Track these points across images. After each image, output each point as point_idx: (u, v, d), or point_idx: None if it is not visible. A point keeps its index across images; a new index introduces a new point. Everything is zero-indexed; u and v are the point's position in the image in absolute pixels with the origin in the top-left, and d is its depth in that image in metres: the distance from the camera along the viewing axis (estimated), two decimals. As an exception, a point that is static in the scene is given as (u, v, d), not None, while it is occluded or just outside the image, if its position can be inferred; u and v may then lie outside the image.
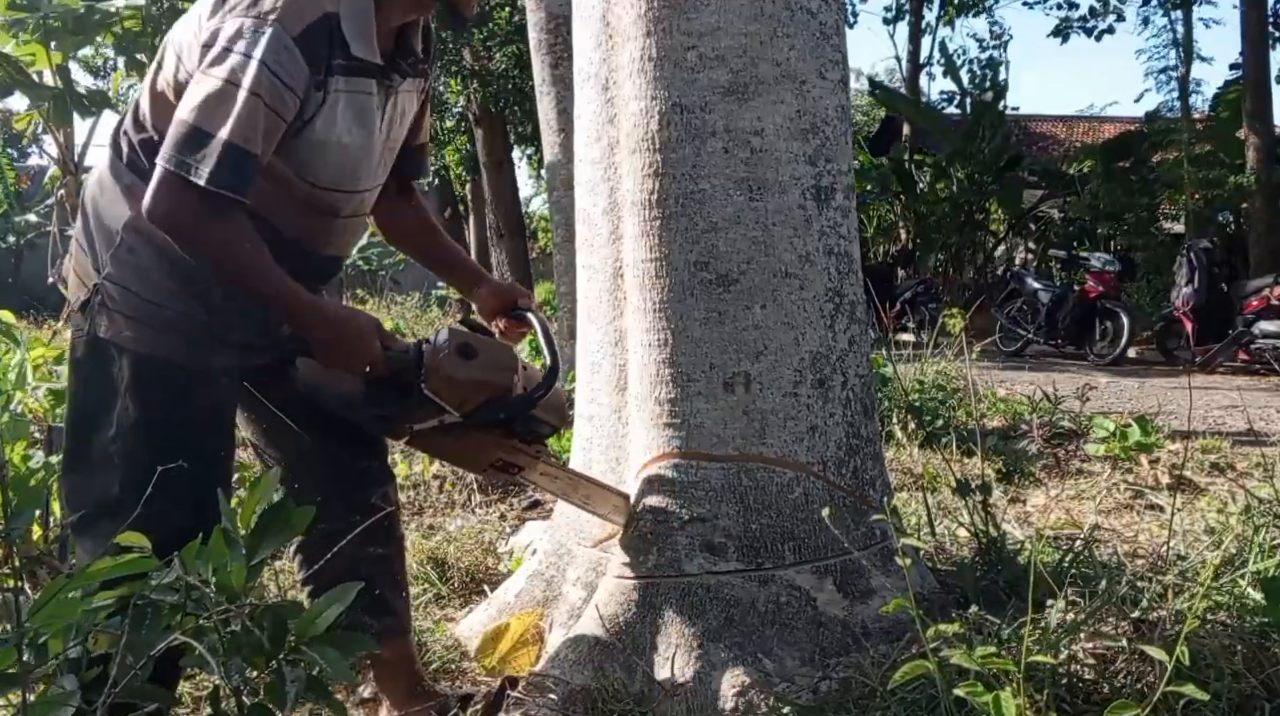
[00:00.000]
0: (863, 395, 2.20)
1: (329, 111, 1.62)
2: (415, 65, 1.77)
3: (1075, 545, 2.57)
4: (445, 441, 1.80)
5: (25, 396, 3.74)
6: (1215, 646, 1.74)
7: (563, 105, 4.65)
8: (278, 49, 1.51)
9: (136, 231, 1.61)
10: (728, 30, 2.04)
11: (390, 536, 1.94)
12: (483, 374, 1.69)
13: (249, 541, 1.37)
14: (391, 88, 1.73)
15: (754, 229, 2.06)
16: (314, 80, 1.56)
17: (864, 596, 2.07)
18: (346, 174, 1.70)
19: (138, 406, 1.61)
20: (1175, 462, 4.07)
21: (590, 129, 2.26)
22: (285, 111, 1.54)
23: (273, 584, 2.38)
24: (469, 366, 1.68)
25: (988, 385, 6.06)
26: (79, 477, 1.66)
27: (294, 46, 1.52)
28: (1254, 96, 11.14)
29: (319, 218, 1.73)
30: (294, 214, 1.68)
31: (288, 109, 1.54)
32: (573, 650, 2.03)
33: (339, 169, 1.68)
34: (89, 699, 1.21)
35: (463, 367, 1.67)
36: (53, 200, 8.27)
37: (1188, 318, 9.31)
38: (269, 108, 1.51)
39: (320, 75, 1.58)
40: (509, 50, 10.94)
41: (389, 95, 1.73)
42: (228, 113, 1.49)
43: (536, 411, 1.77)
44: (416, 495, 3.76)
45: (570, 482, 2.07)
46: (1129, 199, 13.37)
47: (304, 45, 1.54)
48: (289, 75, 1.52)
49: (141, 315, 1.62)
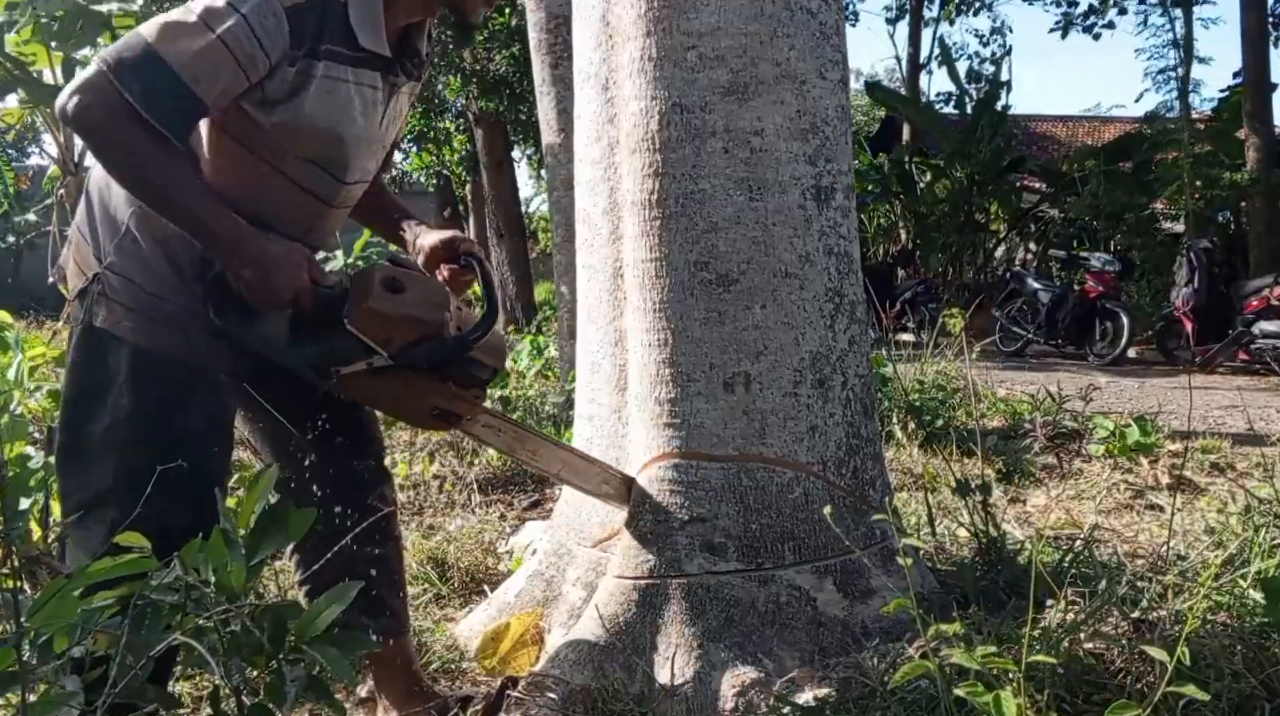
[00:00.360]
0: (863, 395, 2.20)
1: (328, 96, 1.61)
2: (418, 67, 1.78)
3: (1075, 545, 2.57)
4: (376, 386, 1.68)
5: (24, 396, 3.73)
6: (1215, 646, 1.74)
7: (563, 105, 4.66)
8: (264, 12, 1.50)
9: (142, 220, 1.60)
10: (728, 30, 2.04)
11: (388, 537, 1.93)
12: (411, 309, 1.60)
13: (249, 541, 1.37)
14: (396, 85, 1.73)
15: (754, 229, 2.06)
16: (289, 55, 1.55)
17: (864, 596, 2.07)
18: (340, 161, 1.69)
19: (134, 399, 1.60)
20: (1175, 462, 4.07)
21: (590, 129, 2.26)
22: (252, 72, 1.52)
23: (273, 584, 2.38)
24: (395, 300, 1.59)
25: (988, 385, 6.07)
26: (72, 467, 1.65)
27: (282, 14, 1.52)
28: (1254, 97, 11.15)
29: (306, 202, 1.71)
30: (272, 196, 1.66)
31: (255, 70, 1.52)
32: (573, 650, 2.03)
33: (334, 154, 1.67)
34: (89, 699, 1.21)
35: (389, 302, 1.58)
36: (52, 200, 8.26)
37: (1188, 318, 9.31)
38: (236, 62, 1.49)
39: (299, 53, 1.56)
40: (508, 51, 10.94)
41: (392, 92, 1.73)
42: (188, 47, 1.46)
43: (473, 353, 1.68)
44: (416, 495, 3.76)
45: (516, 436, 1.96)
46: (1129, 199, 13.38)
47: (293, 18, 1.53)
48: (268, 39, 1.51)
49: (142, 307, 1.61)
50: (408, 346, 1.61)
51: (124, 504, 1.45)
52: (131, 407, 1.60)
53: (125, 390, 1.60)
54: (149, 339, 1.61)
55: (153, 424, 1.60)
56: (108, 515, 1.55)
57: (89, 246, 1.67)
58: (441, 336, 1.63)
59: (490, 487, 3.87)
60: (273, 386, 1.78)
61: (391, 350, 1.61)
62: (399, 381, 1.66)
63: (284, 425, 1.80)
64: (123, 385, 1.60)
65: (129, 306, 1.61)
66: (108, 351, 1.62)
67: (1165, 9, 14.46)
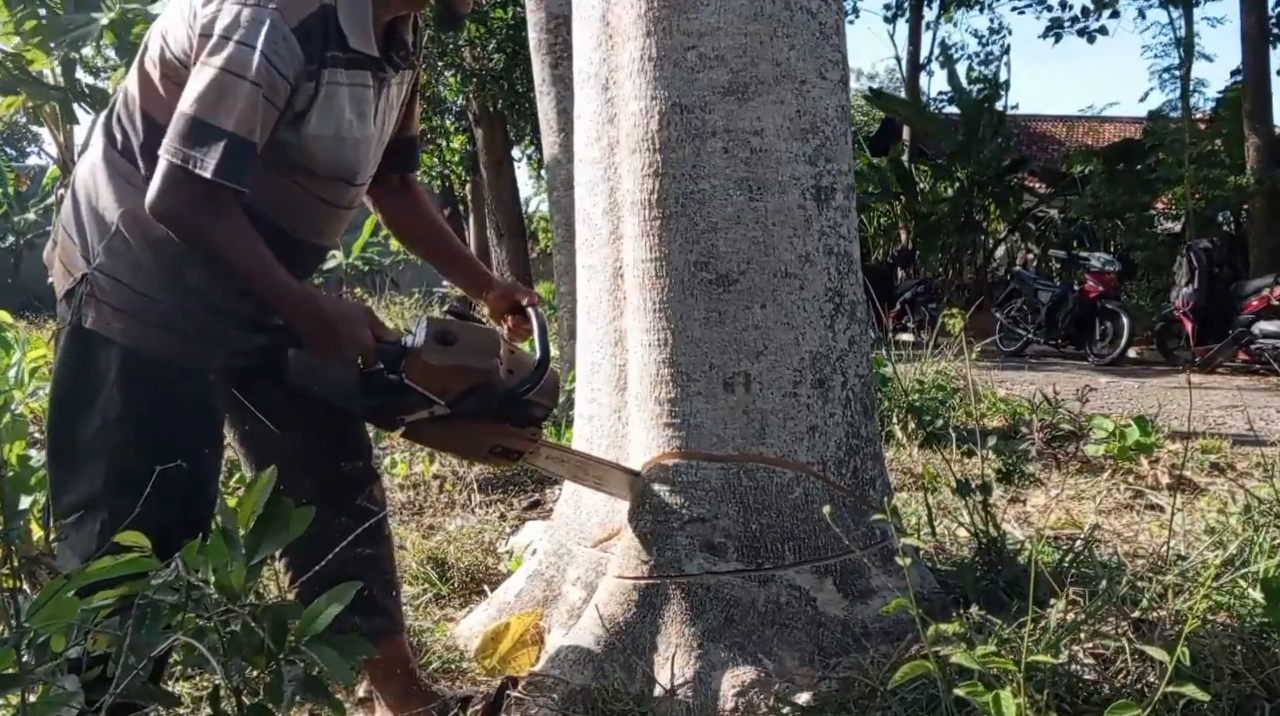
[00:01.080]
0: (863, 395, 2.20)
1: (327, 103, 1.61)
2: (406, 58, 1.78)
3: (1075, 545, 2.57)
4: (438, 432, 1.78)
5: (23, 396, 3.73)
6: (1215, 646, 1.74)
7: (563, 105, 4.65)
8: (275, 39, 1.51)
9: (132, 221, 1.60)
10: (727, 30, 2.04)
11: (378, 536, 1.92)
12: (461, 360, 1.68)
13: (249, 541, 1.37)
14: (385, 80, 1.73)
15: (754, 229, 2.06)
16: (307, 71, 1.56)
17: (864, 596, 2.07)
18: (347, 164, 1.70)
19: (124, 400, 1.60)
20: (1175, 462, 4.07)
21: (590, 129, 2.26)
22: (278, 100, 1.54)
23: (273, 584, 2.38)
24: (447, 353, 1.67)
25: (988, 385, 6.06)
26: (63, 470, 1.65)
27: (291, 36, 1.52)
28: (1254, 96, 11.13)
29: (320, 206, 1.73)
30: (290, 204, 1.68)
31: (280, 98, 1.54)
32: (573, 650, 2.03)
33: (340, 159, 1.68)
34: (89, 699, 1.21)
35: (440, 354, 1.66)
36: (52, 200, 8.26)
37: (1188, 318, 9.31)
38: (266, 98, 1.51)
39: (314, 66, 1.57)
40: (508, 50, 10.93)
41: (382, 87, 1.73)
42: (230, 103, 1.49)
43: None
44: (416, 495, 3.76)
45: (580, 464, 2.07)
46: (1129, 199, 13.38)
47: (301, 36, 1.54)
48: (285, 65, 1.52)
49: (132, 308, 1.61)
50: (462, 395, 1.70)
51: (115, 505, 1.45)
52: (122, 409, 1.60)
53: (116, 392, 1.60)
54: (139, 340, 1.61)
55: (144, 425, 1.60)
56: (99, 517, 1.55)
57: (75, 246, 1.66)
58: (493, 383, 1.71)
59: (490, 487, 3.87)
60: (259, 389, 1.78)
61: (448, 399, 1.70)
62: (460, 425, 1.75)
63: (269, 428, 1.79)
64: (113, 386, 1.60)
65: (119, 307, 1.61)
66: (97, 353, 1.61)
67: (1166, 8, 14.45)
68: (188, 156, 1.48)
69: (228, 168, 1.48)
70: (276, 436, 1.80)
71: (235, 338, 1.70)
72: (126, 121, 1.65)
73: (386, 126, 1.81)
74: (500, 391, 1.72)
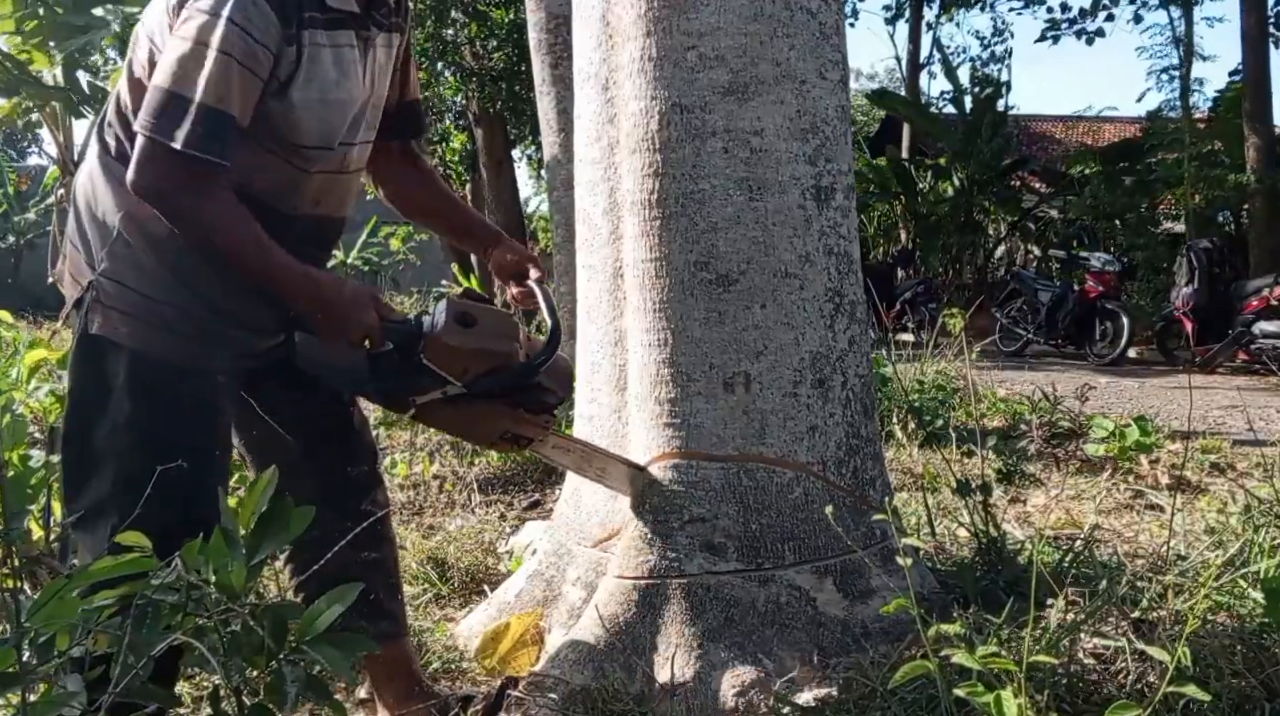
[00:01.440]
0: (863, 395, 2.20)
1: (311, 66, 1.59)
2: (389, 16, 1.75)
3: (1075, 545, 2.57)
4: (450, 414, 1.77)
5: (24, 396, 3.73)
6: (1215, 646, 1.74)
7: (563, 105, 4.65)
8: (245, 5, 1.49)
9: (132, 223, 1.60)
10: (727, 30, 2.04)
11: (382, 540, 1.92)
12: (483, 342, 1.68)
13: (249, 541, 1.37)
14: (370, 40, 1.70)
15: (754, 229, 2.06)
16: (285, 35, 1.54)
17: (864, 596, 2.07)
18: (333, 129, 1.67)
19: (132, 403, 1.60)
20: (1175, 462, 4.07)
21: (590, 129, 2.26)
22: (259, 69, 1.52)
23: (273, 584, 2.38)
24: (468, 334, 1.67)
25: (988, 385, 6.06)
26: (76, 474, 1.65)
27: (262, 2, 1.50)
28: (1254, 96, 11.14)
29: (315, 178, 1.70)
30: (273, 175, 1.65)
31: (262, 66, 1.52)
32: (573, 650, 2.03)
33: (326, 124, 1.66)
34: (90, 698, 1.21)
35: (461, 336, 1.66)
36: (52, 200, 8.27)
37: (1188, 318, 9.31)
38: (242, 65, 1.49)
39: (292, 29, 1.55)
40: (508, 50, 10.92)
41: (368, 47, 1.70)
42: (199, 74, 1.47)
43: (541, 380, 1.75)
44: (416, 495, 3.76)
45: (584, 455, 2.07)
46: (1129, 199, 13.38)
47: (274, 1, 1.52)
48: (259, 31, 1.50)
49: (137, 311, 1.61)
50: (480, 376, 1.70)
51: (123, 508, 1.45)
52: (131, 412, 1.60)
53: (124, 395, 1.60)
54: (144, 342, 1.61)
55: (152, 427, 1.60)
56: (110, 520, 1.55)
57: (81, 254, 1.67)
58: (512, 367, 1.71)
59: (490, 487, 3.87)
60: (265, 390, 1.78)
61: (466, 380, 1.69)
62: (472, 409, 1.75)
63: (276, 431, 1.79)
64: (121, 390, 1.60)
65: (124, 311, 1.61)
66: (106, 358, 1.62)
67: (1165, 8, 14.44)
68: (160, 128, 1.47)
69: (197, 138, 1.46)
70: (281, 439, 1.80)
71: (238, 338, 1.70)
72: (119, 126, 1.64)
73: (378, 90, 1.77)
74: (517, 371, 1.72)
